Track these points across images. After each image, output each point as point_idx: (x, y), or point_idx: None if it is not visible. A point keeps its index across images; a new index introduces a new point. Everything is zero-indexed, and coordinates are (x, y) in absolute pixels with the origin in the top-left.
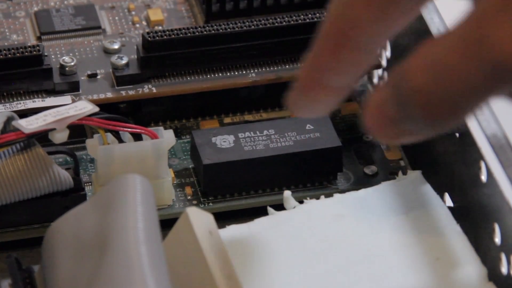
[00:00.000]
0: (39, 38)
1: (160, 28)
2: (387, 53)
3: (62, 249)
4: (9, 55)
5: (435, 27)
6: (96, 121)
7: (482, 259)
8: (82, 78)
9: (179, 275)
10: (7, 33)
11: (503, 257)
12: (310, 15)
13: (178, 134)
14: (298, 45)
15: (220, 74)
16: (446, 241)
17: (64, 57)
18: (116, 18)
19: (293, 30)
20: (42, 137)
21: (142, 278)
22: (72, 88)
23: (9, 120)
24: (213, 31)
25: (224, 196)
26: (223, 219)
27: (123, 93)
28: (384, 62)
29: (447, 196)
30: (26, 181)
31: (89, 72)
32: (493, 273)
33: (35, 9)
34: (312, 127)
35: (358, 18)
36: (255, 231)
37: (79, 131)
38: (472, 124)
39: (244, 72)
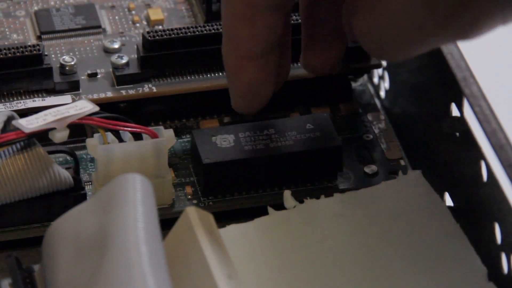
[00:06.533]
0: (39, 38)
1: (160, 27)
2: None
3: (62, 248)
4: (9, 55)
5: None
6: (96, 121)
7: (482, 259)
8: (82, 77)
9: (179, 275)
10: (7, 33)
11: (504, 257)
12: None
13: (178, 134)
14: (298, 45)
15: (220, 74)
16: (446, 241)
17: (64, 57)
18: (116, 17)
19: (292, 30)
20: (42, 136)
21: (142, 277)
22: (72, 87)
23: (9, 119)
24: (213, 31)
25: (224, 196)
26: (223, 219)
27: (123, 92)
28: (384, 62)
29: (447, 196)
30: (26, 180)
31: (89, 72)
32: (493, 273)
33: (35, 8)
34: (312, 127)
35: None
36: (255, 230)
37: (79, 130)
38: (473, 123)
39: None
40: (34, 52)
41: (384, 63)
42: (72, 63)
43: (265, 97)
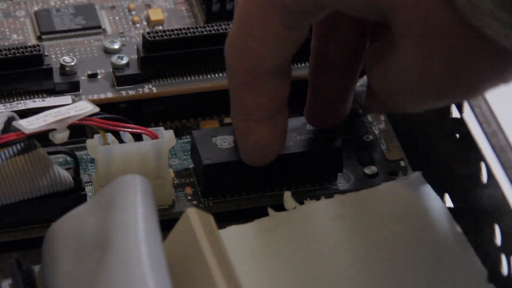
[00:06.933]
0: (39, 38)
1: (160, 28)
2: None
3: (62, 249)
4: (9, 55)
5: None
6: (96, 121)
7: (482, 260)
8: (83, 78)
9: (179, 275)
10: (7, 33)
11: (503, 258)
12: None
13: (178, 134)
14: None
15: (220, 74)
16: (446, 241)
17: (64, 57)
18: (117, 17)
19: None
20: (42, 137)
21: (142, 278)
22: (73, 88)
23: (9, 120)
24: (213, 31)
25: (224, 196)
26: (223, 219)
27: (124, 93)
28: None
29: (447, 197)
30: (26, 181)
31: (89, 72)
32: (493, 274)
33: (36, 8)
34: (312, 127)
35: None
36: (255, 231)
37: (79, 131)
38: (473, 124)
39: None
40: (34, 52)
41: None
42: (72, 63)
43: (275, 153)
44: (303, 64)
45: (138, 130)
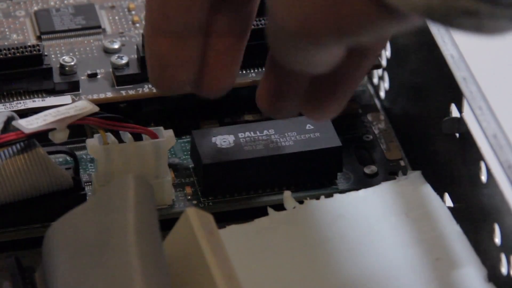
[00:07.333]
0: (39, 38)
1: None
2: (387, 53)
3: (62, 249)
4: (9, 55)
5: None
6: (96, 121)
7: (482, 259)
8: (82, 77)
9: (179, 275)
10: (7, 33)
11: (503, 257)
12: None
13: (178, 134)
14: None
15: None
16: (446, 241)
17: (64, 57)
18: (116, 17)
19: None
20: (42, 136)
21: (142, 278)
22: (72, 87)
23: (9, 120)
24: None
25: (224, 196)
26: (223, 219)
27: (123, 92)
28: (384, 62)
29: (447, 196)
30: (26, 181)
31: (89, 72)
32: (493, 274)
33: (35, 8)
34: (312, 127)
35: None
36: (255, 231)
37: (79, 130)
38: (472, 124)
39: (244, 72)
40: (34, 52)
41: (384, 63)
42: (72, 63)
43: (181, 80)
44: None
45: (138, 130)
